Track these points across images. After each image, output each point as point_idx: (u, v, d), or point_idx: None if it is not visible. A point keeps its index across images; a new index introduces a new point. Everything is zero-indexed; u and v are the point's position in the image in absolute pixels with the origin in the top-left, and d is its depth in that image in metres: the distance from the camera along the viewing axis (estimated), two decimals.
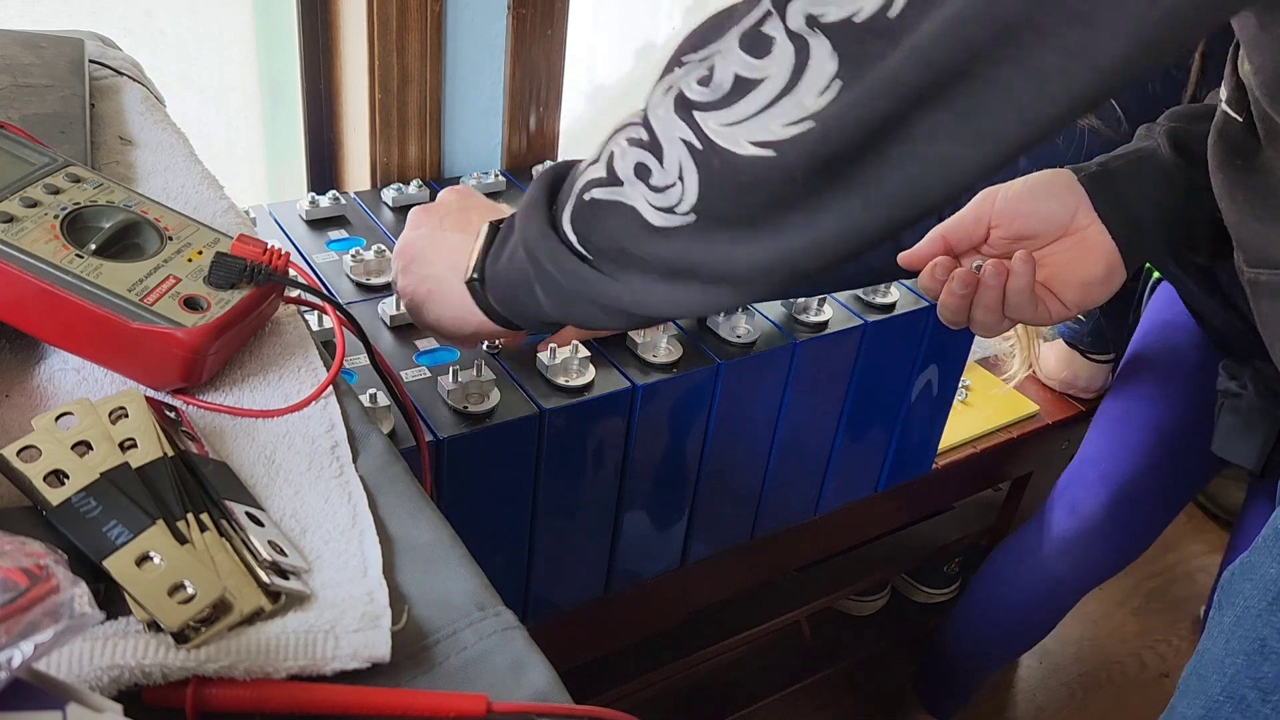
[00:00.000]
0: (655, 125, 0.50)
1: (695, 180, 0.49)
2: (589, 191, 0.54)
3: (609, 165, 0.53)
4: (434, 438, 0.82)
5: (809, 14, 0.44)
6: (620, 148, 0.52)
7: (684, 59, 0.50)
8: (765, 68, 0.46)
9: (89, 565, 0.39)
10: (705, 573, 1.13)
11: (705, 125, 0.48)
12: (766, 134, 0.46)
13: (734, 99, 0.47)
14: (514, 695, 0.40)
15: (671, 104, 0.49)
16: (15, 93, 0.67)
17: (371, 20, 1.07)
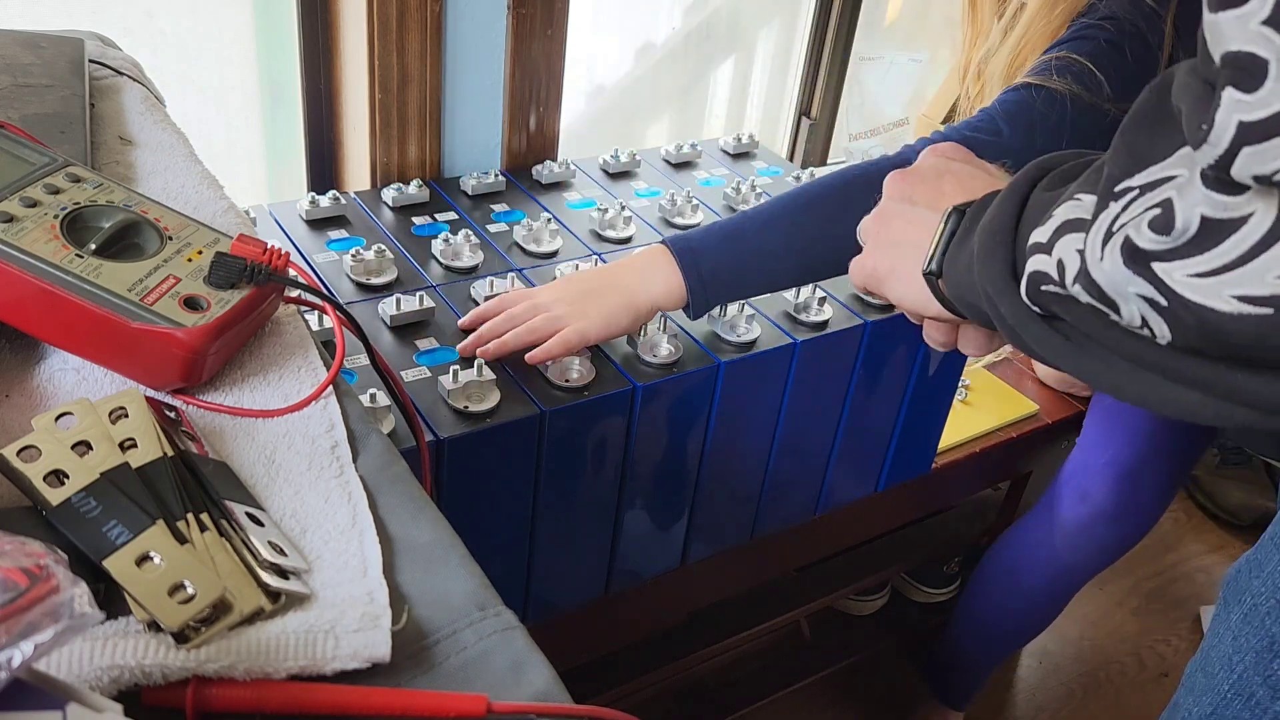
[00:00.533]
0: (1101, 281, 0.42)
1: (1166, 330, 0.40)
2: (1042, 284, 0.46)
3: (1060, 273, 0.45)
4: (434, 438, 0.82)
5: (1257, 174, 0.35)
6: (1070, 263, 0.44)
7: (1118, 188, 0.42)
8: (1243, 205, 0.37)
9: (89, 565, 0.39)
10: (705, 573, 1.13)
11: (1169, 278, 0.39)
12: (1260, 287, 0.37)
13: (1204, 245, 0.38)
14: (514, 695, 0.40)
15: (1119, 254, 0.40)
16: (15, 93, 0.67)
17: (371, 20, 1.07)
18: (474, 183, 1.16)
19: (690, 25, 1.66)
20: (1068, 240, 0.44)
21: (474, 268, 1.02)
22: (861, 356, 1.05)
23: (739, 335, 0.96)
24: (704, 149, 1.32)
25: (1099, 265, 0.41)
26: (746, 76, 1.77)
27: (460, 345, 0.91)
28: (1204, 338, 0.39)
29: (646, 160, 1.28)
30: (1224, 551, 1.98)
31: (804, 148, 1.82)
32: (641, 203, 1.18)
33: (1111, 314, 0.42)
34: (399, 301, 0.92)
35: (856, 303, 1.04)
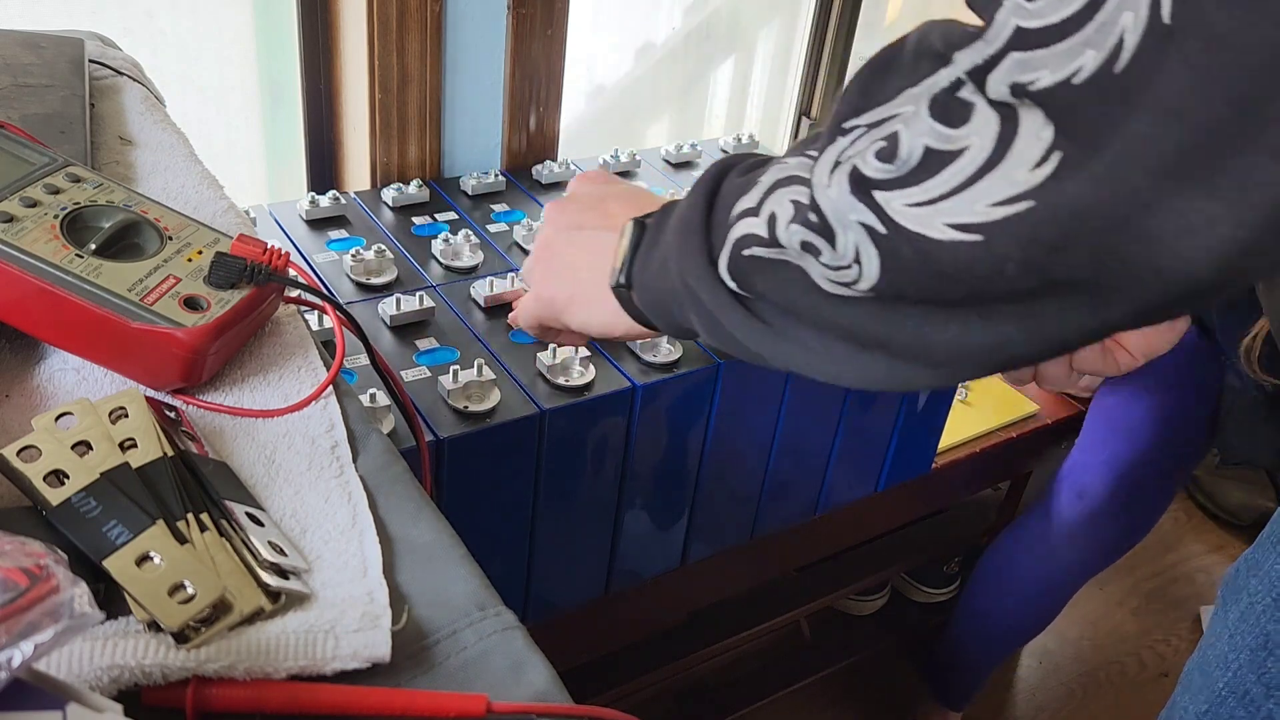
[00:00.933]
0: (825, 205, 0.43)
1: (876, 265, 0.42)
2: (747, 248, 0.47)
3: (770, 229, 0.46)
4: (434, 438, 0.82)
5: (1014, 82, 0.36)
6: (784, 212, 0.45)
7: (847, 125, 0.43)
8: (963, 137, 0.38)
9: (89, 565, 0.39)
10: (705, 573, 1.13)
11: (889, 206, 0.40)
12: (970, 215, 0.38)
13: (924, 175, 0.39)
14: (514, 695, 0.40)
15: (845, 182, 0.42)
16: (15, 93, 0.67)
17: (371, 20, 1.07)
18: (474, 183, 1.16)
19: (690, 25, 1.66)
20: (780, 194, 0.46)
21: (474, 268, 1.02)
22: None
23: None
24: (704, 149, 1.32)
25: (825, 191, 0.43)
26: (746, 76, 1.77)
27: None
28: (915, 268, 0.40)
29: (646, 160, 1.28)
30: (1224, 551, 1.98)
31: None
32: None
33: (825, 250, 0.43)
34: (399, 301, 0.92)
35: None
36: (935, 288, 0.41)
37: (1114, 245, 0.36)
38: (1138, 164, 0.35)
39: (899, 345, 0.44)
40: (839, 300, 0.44)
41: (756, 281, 0.48)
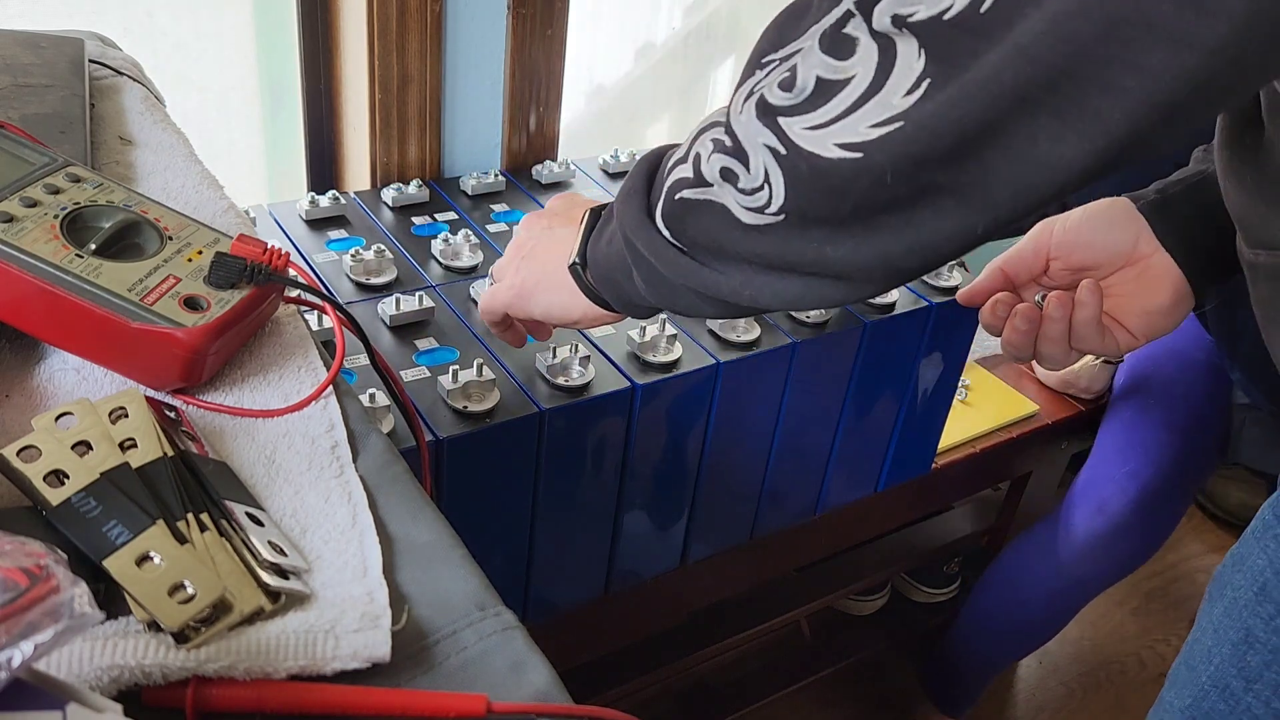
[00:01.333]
0: (738, 130, 0.49)
1: (782, 184, 0.47)
2: (679, 191, 0.53)
3: (696, 167, 0.52)
4: (434, 438, 0.82)
5: (895, 13, 0.42)
6: (706, 149, 0.51)
7: (764, 60, 0.49)
8: (849, 68, 0.44)
9: (89, 565, 0.39)
10: (705, 573, 1.13)
11: (789, 130, 0.46)
12: (853, 135, 0.44)
13: (817, 102, 0.45)
14: (514, 695, 0.40)
15: (754, 109, 0.48)
16: (15, 93, 0.67)
17: (371, 20, 1.07)
18: (474, 183, 1.16)
19: (690, 25, 1.66)
20: (704, 137, 0.52)
21: (474, 268, 1.02)
22: (861, 357, 1.05)
23: (738, 335, 0.96)
24: None
25: (739, 119, 0.49)
26: None
27: None
28: (811, 184, 0.46)
29: None
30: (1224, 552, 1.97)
31: None
32: None
33: (741, 175, 0.49)
34: (399, 301, 0.92)
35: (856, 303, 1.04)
36: (829, 204, 0.47)
37: (970, 156, 0.43)
38: (989, 89, 0.41)
39: (807, 265, 0.50)
40: (755, 231, 0.50)
41: (687, 226, 0.54)
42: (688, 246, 0.54)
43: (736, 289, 0.54)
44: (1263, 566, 0.72)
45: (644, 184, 0.57)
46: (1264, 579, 0.72)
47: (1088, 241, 0.72)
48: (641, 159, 0.59)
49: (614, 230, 0.61)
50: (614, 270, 0.62)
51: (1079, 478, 1.40)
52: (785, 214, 0.48)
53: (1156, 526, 1.36)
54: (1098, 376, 1.45)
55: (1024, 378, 1.49)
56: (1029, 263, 0.74)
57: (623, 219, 0.58)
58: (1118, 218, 0.72)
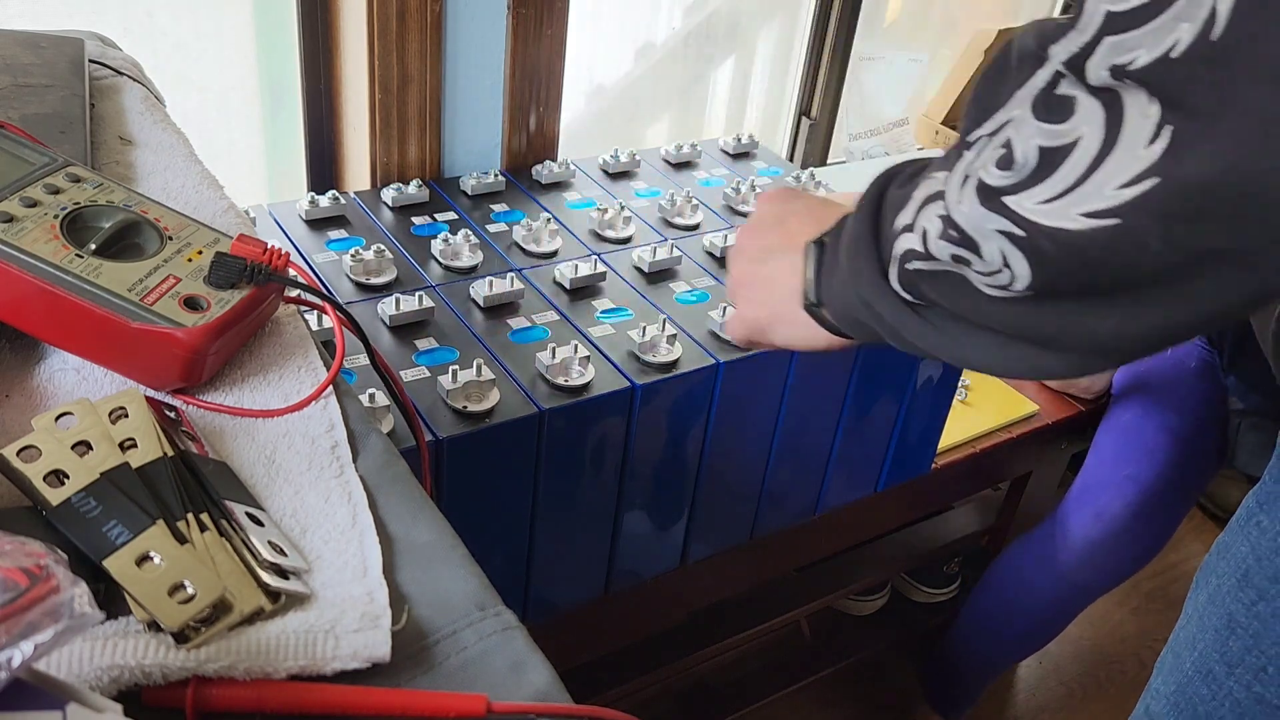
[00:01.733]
0: (962, 221, 0.44)
1: (1024, 265, 0.43)
2: (909, 262, 0.49)
3: (924, 243, 0.48)
4: (434, 438, 0.82)
5: (1114, 64, 0.37)
6: (933, 227, 0.47)
7: (970, 138, 0.45)
8: (1072, 131, 0.40)
9: (89, 565, 0.39)
10: (705, 573, 1.13)
11: (1020, 209, 0.41)
12: (1100, 201, 0.39)
13: (1044, 173, 0.40)
14: (514, 695, 0.40)
15: (975, 195, 0.43)
16: (15, 93, 0.67)
17: (371, 20, 1.07)
18: (474, 183, 1.16)
19: (690, 25, 1.66)
20: (928, 211, 0.47)
21: (473, 268, 1.02)
22: (861, 357, 1.05)
23: None
24: (704, 149, 1.32)
25: (959, 208, 0.44)
26: (746, 76, 1.77)
27: None
28: (1062, 261, 0.41)
29: (646, 160, 1.28)
30: None
31: (804, 148, 1.82)
32: (641, 203, 1.18)
33: (974, 260, 0.44)
34: (398, 301, 0.92)
35: None
36: (1086, 277, 0.42)
37: (1251, 210, 0.36)
38: (1260, 129, 0.35)
39: (1067, 337, 0.45)
40: (1002, 302, 0.46)
41: (926, 290, 0.50)
42: (929, 306, 0.51)
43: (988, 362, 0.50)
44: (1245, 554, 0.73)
45: (871, 235, 0.53)
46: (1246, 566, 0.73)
47: None
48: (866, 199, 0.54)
49: (844, 279, 0.57)
50: (853, 311, 0.57)
51: (1076, 481, 1.40)
52: (1033, 291, 0.44)
53: (1155, 531, 1.35)
54: (1097, 377, 1.45)
55: None
56: None
57: (857, 279, 0.54)
58: None
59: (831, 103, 1.78)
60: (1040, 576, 1.39)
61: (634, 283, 1.03)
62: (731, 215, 1.18)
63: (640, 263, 1.05)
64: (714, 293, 1.03)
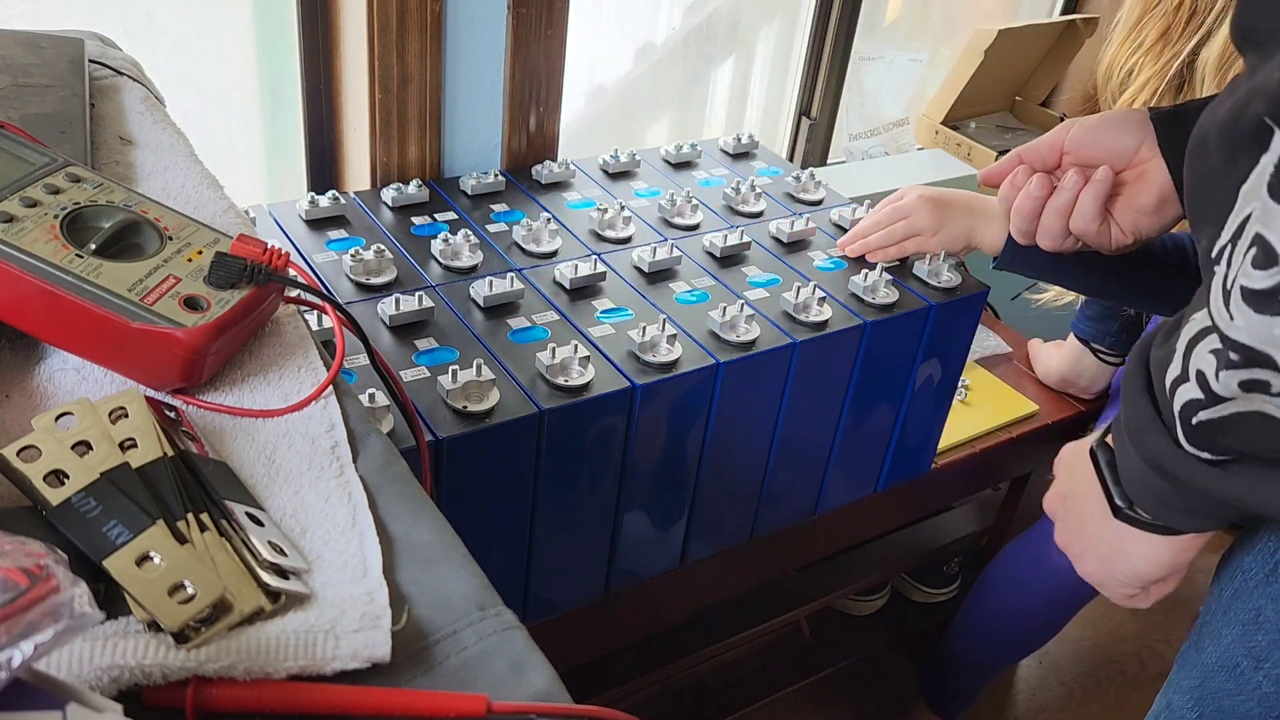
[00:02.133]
0: (1242, 339, 0.41)
1: None
2: (1194, 415, 0.46)
3: (1203, 386, 0.45)
4: (434, 438, 0.82)
5: None
6: (1208, 365, 0.44)
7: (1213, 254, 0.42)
8: None
9: (89, 565, 0.39)
10: (705, 573, 1.13)
11: None
12: None
13: None
14: (514, 695, 0.40)
15: (1245, 306, 0.40)
16: (15, 93, 0.67)
17: (371, 20, 1.07)
18: (474, 183, 1.16)
19: (690, 25, 1.66)
20: (1199, 350, 0.45)
21: (473, 268, 1.02)
22: (861, 356, 1.05)
23: (738, 335, 0.96)
24: (704, 149, 1.32)
25: (1233, 326, 0.41)
26: (746, 76, 1.77)
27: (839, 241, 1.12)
28: None
29: (646, 160, 1.28)
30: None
31: (804, 148, 1.82)
32: (641, 203, 1.18)
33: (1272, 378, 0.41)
34: (398, 301, 0.92)
35: (856, 303, 1.04)
36: None
37: None
38: None
39: None
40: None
41: (1225, 442, 0.47)
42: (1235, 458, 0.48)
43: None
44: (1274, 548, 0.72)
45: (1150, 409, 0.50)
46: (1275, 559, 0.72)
47: (1096, 140, 0.79)
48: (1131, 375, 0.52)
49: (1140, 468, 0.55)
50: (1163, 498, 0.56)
51: None
52: None
53: None
54: (1098, 376, 1.45)
55: (1024, 378, 1.49)
56: (1044, 155, 0.81)
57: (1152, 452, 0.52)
58: (1128, 122, 0.78)
59: (831, 103, 1.78)
60: (1036, 577, 1.39)
61: (634, 283, 1.03)
62: (731, 215, 1.18)
63: (640, 263, 1.05)
64: (714, 293, 1.03)
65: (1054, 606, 1.42)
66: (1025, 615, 1.44)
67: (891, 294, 1.05)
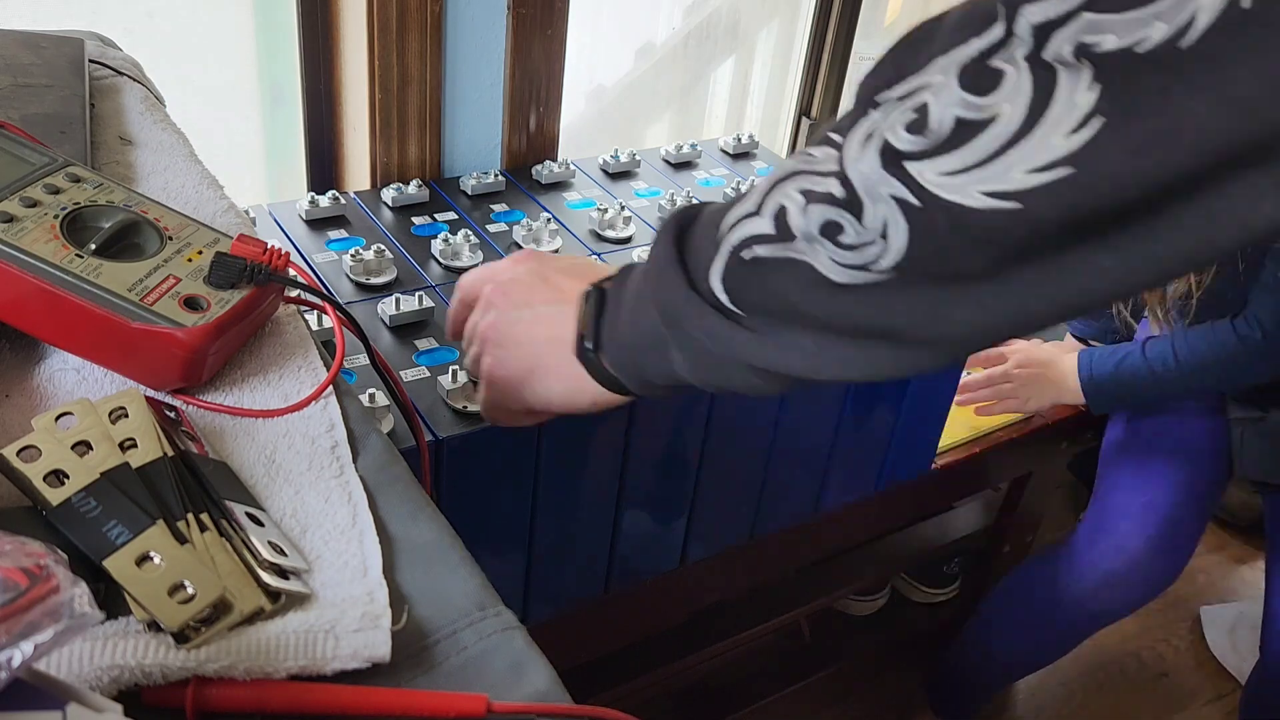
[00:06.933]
0: (856, 180, 0.43)
1: (904, 238, 0.42)
2: (749, 249, 0.47)
3: (777, 221, 0.46)
4: (434, 438, 0.82)
5: (1081, 42, 0.36)
6: (794, 202, 0.45)
7: (879, 98, 0.43)
8: (992, 105, 0.38)
9: (89, 565, 0.39)
10: (705, 573, 1.13)
11: (922, 177, 0.40)
12: (1005, 183, 0.38)
13: (955, 144, 0.39)
14: (514, 695, 0.40)
15: (877, 155, 0.42)
16: (15, 93, 0.67)
17: (371, 20, 1.07)
18: (474, 183, 1.16)
19: (690, 25, 1.66)
20: (784, 188, 0.46)
21: (474, 267, 1.02)
22: None
23: None
24: (704, 149, 1.32)
25: (856, 165, 0.42)
26: (746, 76, 1.77)
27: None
28: (947, 238, 0.41)
29: (646, 160, 1.28)
30: (1224, 552, 1.98)
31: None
32: (641, 203, 1.18)
33: (848, 227, 0.43)
34: (398, 301, 0.92)
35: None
36: (963, 257, 0.41)
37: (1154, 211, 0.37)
38: (1185, 142, 0.35)
39: (910, 331, 0.44)
40: (847, 291, 0.44)
41: (753, 287, 0.48)
42: (746, 311, 0.49)
43: (810, 363, 0.48)
44: None
45: (675, 254, 0.52)
46: None
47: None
48: (667, 225, 0.53)
49: (641, 306, 0.55)
50: (641, 351, 0.56)
51: (1090, 512, 1.38)
52: (898, 270, 0.43)
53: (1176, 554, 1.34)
54: None
55: None
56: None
57: (660, 293, 0.52)
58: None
59: (831, 103, 1.78)
60: (1052, 606, 1.38)
61: None
62: None
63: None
64: None
65: (1069, 636, 1.41)
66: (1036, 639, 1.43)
67: None
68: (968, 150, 0.39)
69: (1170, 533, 1.31)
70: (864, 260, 0.43)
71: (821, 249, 0.44)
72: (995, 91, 0.38)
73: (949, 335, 0.44)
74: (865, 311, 0.45)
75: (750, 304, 0.48)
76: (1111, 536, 1.33)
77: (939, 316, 0.43)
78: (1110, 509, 1.35)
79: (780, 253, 0.46)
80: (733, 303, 0.49)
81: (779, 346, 0.48)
